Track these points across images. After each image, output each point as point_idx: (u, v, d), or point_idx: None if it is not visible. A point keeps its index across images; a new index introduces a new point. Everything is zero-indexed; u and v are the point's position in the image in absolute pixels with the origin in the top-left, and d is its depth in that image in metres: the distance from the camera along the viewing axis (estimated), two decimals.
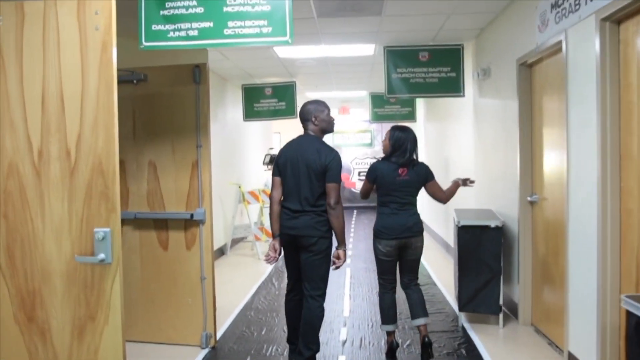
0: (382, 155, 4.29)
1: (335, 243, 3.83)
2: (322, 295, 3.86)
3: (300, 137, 3.97)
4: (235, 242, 9.32)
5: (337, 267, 3.85)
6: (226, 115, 9.18)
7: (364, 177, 4.37)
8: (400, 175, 4.06)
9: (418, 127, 11.20)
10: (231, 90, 9.51)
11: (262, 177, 11.38)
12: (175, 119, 4.40)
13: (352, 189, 15.25)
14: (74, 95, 2.60)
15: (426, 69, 6.48)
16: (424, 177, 4.14)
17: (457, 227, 4.82)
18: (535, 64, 4.54)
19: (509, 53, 4.98)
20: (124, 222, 4.51)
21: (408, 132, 4.13)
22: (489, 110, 5.77)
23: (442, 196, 4.25)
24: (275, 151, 11.97)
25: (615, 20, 3.15)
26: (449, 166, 8.09)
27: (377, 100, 10.05)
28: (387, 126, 14.66)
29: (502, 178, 5.27)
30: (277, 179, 3.92)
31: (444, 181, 7.91)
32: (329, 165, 3.76)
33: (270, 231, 4.09)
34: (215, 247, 8.17)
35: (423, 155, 10.69)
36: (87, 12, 2.61)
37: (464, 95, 6.46)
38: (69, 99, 2.61)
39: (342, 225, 3.81)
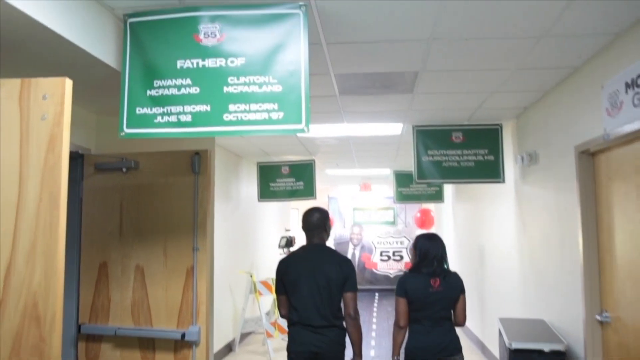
0: (404, 235, 3.86)
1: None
2: None
3: (310, 248, 3.72)
4: (245, 335, 8.40)
5: None
6: (240, 194, 8.52)
7: (386, 257, 4.17)
8: (433, 287, 3.64)
9: (446, 208, 10.42)
10: (246, 166, 8.91)
11: (276, 263, 10.54)
12: (170, 216, 3.69)
13: (374, 270, 14.29)
14: (5, 208, 1.89)
15: (460, 152, 5.78)
16: (459, 289, 3.70)
17: (508, 350, 3.93)
18: (600, 152, 3.78)
19: (563, 137, 4.25)
20: (102, 338, 3.74)
21: (435, 240, 3.77)
22: (537, 201, 4.97)
23: (464, 318, 3.74)
24: (292, 233, 11.22)
25: None
26: (485, 257, 7.21)
27: (402, 179, 9.46)
28: (411, 206, 14.09)
29: (558, 284, 4.40)
30: (284, 297, 3.65)
31: (479, 272, 7.05)
32: (349, 275, 3.59)
33: (284, 328, 3.60)
34: (223, 344, 7.29)
35: (451, 240, 9.84)
36: (32, 96, 1.95)
37: (503, 181, 5.70)
38: None
39: (361, 336, 3.57)
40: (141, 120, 2.82)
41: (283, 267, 3.68)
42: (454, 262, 9.58)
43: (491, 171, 5.73)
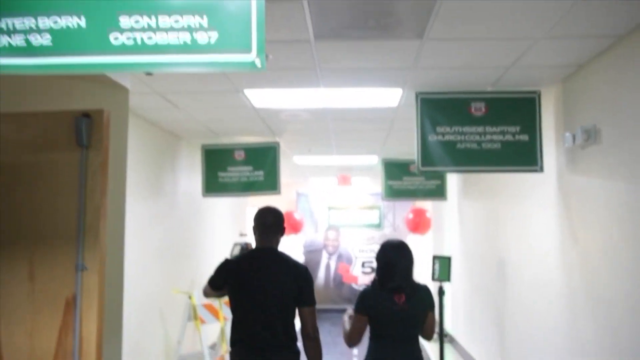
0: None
1: None
2: None
3: (263, 251, 3.89)
4: None
5: None
6: (177, 188, 7.67)
7: (368, 269, 4.65)
8: (398, 303, 3.88)
9: (448, 207, 9.69)
10: (187, 150, 8.05)
11: None
12: (41, 216, 2.79)
13: (354, 285, 13.63)
14: None
15: (482, 129, 4.98)
16: (428, 305, 4.04)
17: None
18: None
19: None
20: None
21: (402, 250, 4.04)
22: (597, 197, 4.19)
23: (432, 333, 4.13)
24: (248, 238, 10.38)
25: None
26: (508, 276, 6.42)
27: (392, 170, 8.78)
28: (402, 204, 13.44)
29: (633, 322, 3.63)
30: (216, 292, 3.94)
31: (498, 297, 6.28)
32: (305, 285, 3.78)
33: None
34: None
35: (456, 249, 9.12)
36: None
37: (541, 170, 4.93)
38: None
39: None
40: None
41: (232, 267, 3.81)
42: (459, 279, 8.86)
43: (524, 156, 4.95)
